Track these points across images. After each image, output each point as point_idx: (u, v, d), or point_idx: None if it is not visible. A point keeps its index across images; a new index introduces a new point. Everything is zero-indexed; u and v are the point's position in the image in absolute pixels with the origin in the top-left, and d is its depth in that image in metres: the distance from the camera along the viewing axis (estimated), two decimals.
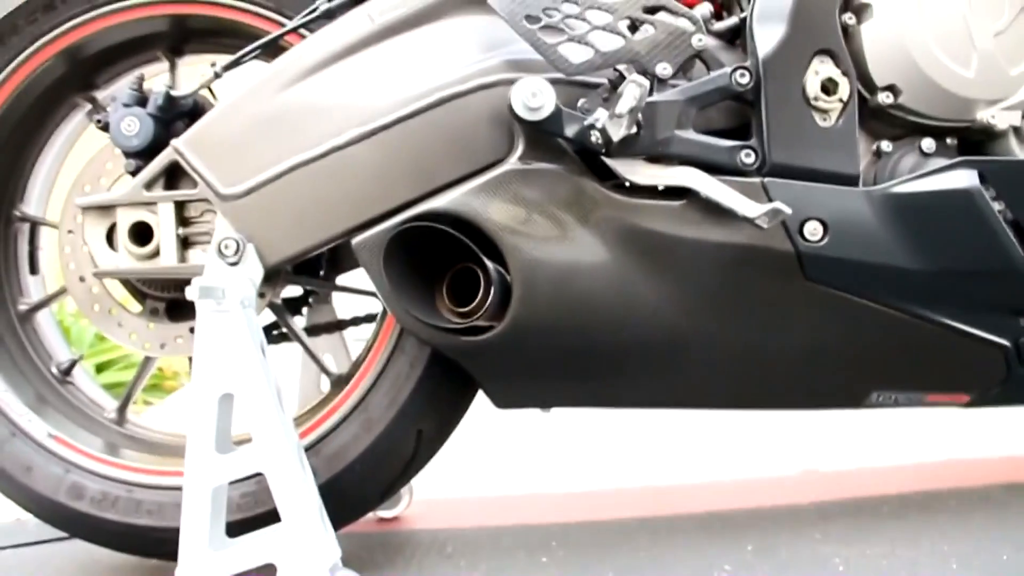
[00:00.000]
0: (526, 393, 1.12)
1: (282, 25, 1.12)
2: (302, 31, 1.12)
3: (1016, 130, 1.09)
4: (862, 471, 1.64)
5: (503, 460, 1.79)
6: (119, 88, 1.23)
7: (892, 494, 1.44)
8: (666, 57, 1.03)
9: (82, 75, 1.22)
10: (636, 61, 1.02)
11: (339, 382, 1.19)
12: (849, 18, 1.07)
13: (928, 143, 1.09)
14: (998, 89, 1.07)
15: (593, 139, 0.99)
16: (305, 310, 1.34)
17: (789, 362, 1.11)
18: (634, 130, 0.99)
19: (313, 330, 1.32)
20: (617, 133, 0.98)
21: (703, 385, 1.13)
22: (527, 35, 1.01)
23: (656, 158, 1.03)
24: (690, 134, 1.03)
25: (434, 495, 1.50)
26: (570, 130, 1.00)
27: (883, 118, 1.09)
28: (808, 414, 1.68)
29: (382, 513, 1.40)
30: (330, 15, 1.07)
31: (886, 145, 1.09)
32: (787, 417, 1.84)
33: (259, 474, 1.01)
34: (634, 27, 1.04)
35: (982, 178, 1.05)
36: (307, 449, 1.12)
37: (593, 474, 1.69)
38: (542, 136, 1.02)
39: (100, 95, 1.24)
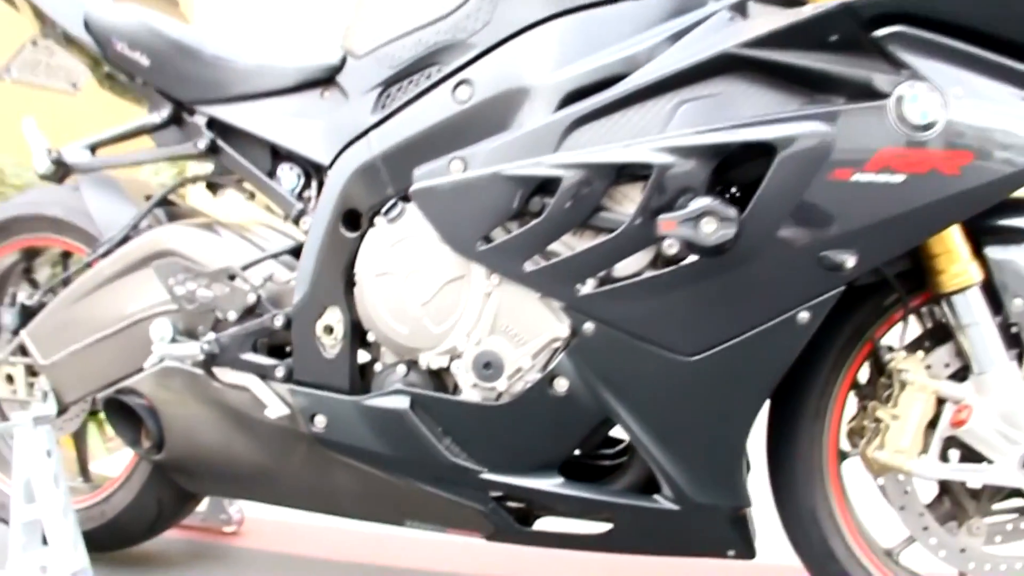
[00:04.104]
0: (203, 487, 1.87)
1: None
2: None
3: (447, 369, 1.56)
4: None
5: None
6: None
7: None
8: (231, 307, 1.67)
9: None
10: (216, 308, 1.68)
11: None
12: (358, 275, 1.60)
13: (401, 368, 1.60)
14: (426, 342, 1.54)
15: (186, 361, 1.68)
16: None
17: (340, 493, 1.71)
18: (202, 358, 1.66)
19: None
20: (191, 362, 1.66)
21: (303, 497, 1.76)
22: (168, 289, 1.71)
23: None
24: (249, 355, 1.66)
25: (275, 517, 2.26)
26: (178, 354, 1.69)
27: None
28: None
29: (225, 528, 2.22)
30: (88, 265, 1.85)
31: (378, 366, 1.62)
32: None
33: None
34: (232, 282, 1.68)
35: (414, 403, 1.56)
36: (103, 500, 1.94)
37: None
38: None
39: None
